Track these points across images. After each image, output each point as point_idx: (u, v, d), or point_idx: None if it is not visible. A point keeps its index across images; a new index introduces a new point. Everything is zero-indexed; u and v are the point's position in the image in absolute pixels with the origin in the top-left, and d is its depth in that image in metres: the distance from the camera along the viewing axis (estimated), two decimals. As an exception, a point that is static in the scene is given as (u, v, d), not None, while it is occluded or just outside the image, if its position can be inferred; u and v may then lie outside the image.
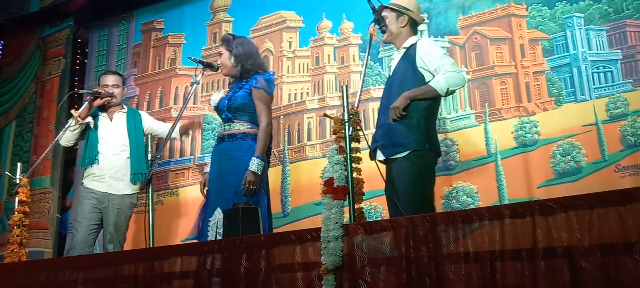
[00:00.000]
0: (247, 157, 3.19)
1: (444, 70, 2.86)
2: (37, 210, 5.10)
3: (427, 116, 2.89)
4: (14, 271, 3.42)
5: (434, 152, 2.93)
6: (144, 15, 5.69)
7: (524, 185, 3.59)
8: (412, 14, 3.09)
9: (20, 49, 6.14)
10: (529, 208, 1.90)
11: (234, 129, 3.30)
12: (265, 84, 3.28)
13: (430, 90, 2.86)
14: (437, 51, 2.96)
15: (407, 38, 3.07)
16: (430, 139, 2.89)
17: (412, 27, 3.10)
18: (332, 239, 2.25)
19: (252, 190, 3.14)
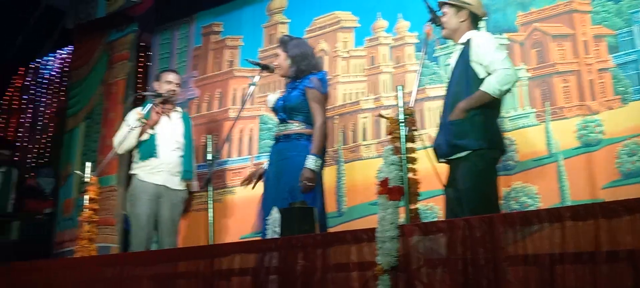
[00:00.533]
0: (302, 156, 3.23)
1: (494, 68, 2.81)
2: (104, 207, 5.34)
3: (487, 113, 2.85)
4: (84, 265, 3.61)
5: (497, 149, 2.88)
6: (204, 18, 5.85)
7: (587, 187, 3.46)
8: (473, 7, 3.03)
9: (88, 54, 6.45)
10: (591, 211, 1.85)
11: (288, 129, 3.36)
12: (319, 84, 3.32)
13: (483, 96, 2.81)
14: (489, 45, 2.89)
15: (466, 33, 3.02)
16: (491, 137, 2.85)
17: (472, 22, 3.04)
18: (388, 239, 2.25)
19: (310, 187, 3.19)
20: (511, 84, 2.82)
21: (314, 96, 3.30)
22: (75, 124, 6.30)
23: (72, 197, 5.84)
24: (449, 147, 2.90)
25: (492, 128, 2.88)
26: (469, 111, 2.82)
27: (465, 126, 2.83)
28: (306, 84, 3.31)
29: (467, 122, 2.83)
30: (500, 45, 2.95)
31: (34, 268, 3.96)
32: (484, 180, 2.84)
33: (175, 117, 4.21)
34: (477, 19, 3.09)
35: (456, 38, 3.08)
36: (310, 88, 3.29)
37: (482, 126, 2.82)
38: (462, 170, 2.87)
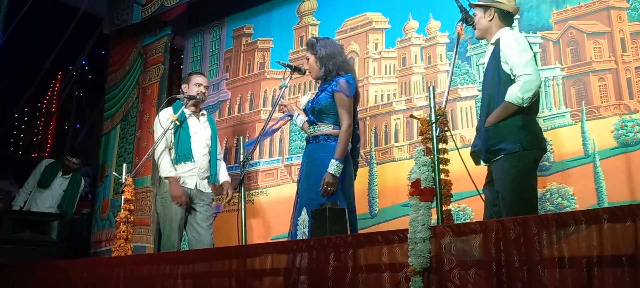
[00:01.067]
0: (330, 158, 3.24)
1: (517, 73, 2.78)
2: (139, 207, 5.47)
3: (523, 114, 2.81)
4: (121, 264, 3.69)
5: (535, 149, 2.84)
6: (235, 21, 5.93)
7: (625, 188, 3.37)
8: (501, 5, 2.99)
9: (123, 58, 6.60)
10: (630, 212, 1.80)
11: (317, 131, 3.39)
12: (345, 87, 3.31)
13: (509, 107, 2.78)
14: (514, 46, 2.83)
15: (498, 31, 2.98)
16: (529, 138, 2.81)
17: (502, 19, 2.99)
18: (420, 241, 2.24)
19: (330, 191, 3.19)
20: (534, 90, 2.78)
21: (340, 100, 3.31)
22: (111, 126, 6.45)
23: (109, 197, 5.98)
24: (487, 152, 2.88)
25: (529, 128, 2.83)
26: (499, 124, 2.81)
27: (502, 130, 2.81)
28: (333, 86, 3.33)
29: (502, 125, 2.81)
30: (526, 47, 2.88)
31: (74, 266, 4.07)
32: (523, 181, 2.80)
33: (203, 120, 4.26)
34: (509, 15, 3.04)
35: (489, 38, 3.04)
36: (337, 91, 3.30)
37: (519, 128, 2.79)
38: (499, 171, 2.84)
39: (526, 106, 2.79)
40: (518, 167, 2.78)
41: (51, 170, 5.75)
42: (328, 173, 3.19)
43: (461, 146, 3.82)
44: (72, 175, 5.77)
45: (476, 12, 3.06)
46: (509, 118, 2.80)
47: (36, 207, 5.58)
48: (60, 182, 5.74)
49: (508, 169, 2.79)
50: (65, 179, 5.75)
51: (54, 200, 5.65)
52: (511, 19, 3.07)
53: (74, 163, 5.74)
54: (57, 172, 5.75)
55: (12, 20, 6.54)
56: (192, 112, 4.20)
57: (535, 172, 2.89)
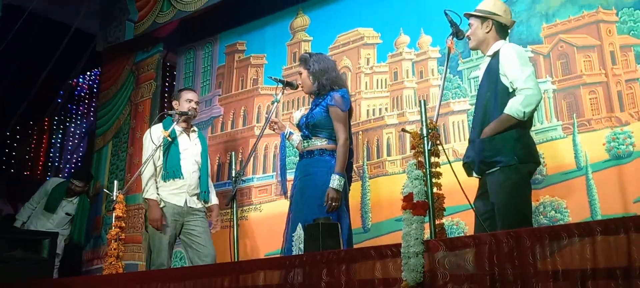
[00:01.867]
0: (324, 172, 3.26)
1: (517, 87, 2.78)
2: (131, 224, 5.42)
3: (518, 128, 2.81)
4: (112, 282, 3.64)
5: (530, 162, 2.84)
6: (228, 38, 5.94)
7: (618, 200, 3.37)
8: (498, 17, 3.00)
9: (116, 75, 6.60)
10: (623, 225, 1.79)
11: (312, 146, 3.39)
12: (340, 101, 3.33)
13: (508, 119, 2.78)
14: (515, 59, 2.84)
15: (493, 43, 2.99)
16: (524, 151, 2.81)
17: (498, 32, 3.01)
18: (413, 255, 2.23)
19: (335, 206, 3.21)
20: (535, 104, 2.79)
21: (335, 114, 3.33)
22: (103, 143, 6.42)
23: (101, 215, 5.93)
24: (481, 164, 2.87)
25: (524, 142, 2.83)
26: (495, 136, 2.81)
27: (498, 142, 2.81)
28: (328, 101, 3.34)
29: (498, 138, 2.81)
30: (527, 61, 2.90)
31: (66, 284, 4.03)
32: (518, 193, 2.79)
33: (193, 137, 4.24)
34: (505, 28, 3.06)
35: (484, 49, 3.05)
36: (332, 106, 3.32)
37: (515, 141, 2.79)
38: (494, 183, 2.83)
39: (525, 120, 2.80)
40: (514, 179, 2.77)
41: (58, 194, 5.69)
42: (331, 189, 3.20)
43: (454, 160, 3.82)
44: (79, 200, 5.71)
45: (472, 22, 3.07)
46: (506, 131, 2.80)
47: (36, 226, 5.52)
48: (64, 204, 5.68)
49: (504, 182, 2.78)
50: (69, 202, 5.70)
51: (55, 223, 5.58)
52: (506, 32, 3.09)
53: (77, 186, 5.69)
54: (63, 194, 5.70)
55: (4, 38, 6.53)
56: (183, 128, 4.18)
57: (530, 185, 2.89)
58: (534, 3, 4.04)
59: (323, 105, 3.36)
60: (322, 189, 3.24)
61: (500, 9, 3.03)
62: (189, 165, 4.10)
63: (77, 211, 5.67)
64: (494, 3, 3.06)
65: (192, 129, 4.29)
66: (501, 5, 3.07)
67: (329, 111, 3.32)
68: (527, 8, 4.06)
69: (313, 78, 3.45)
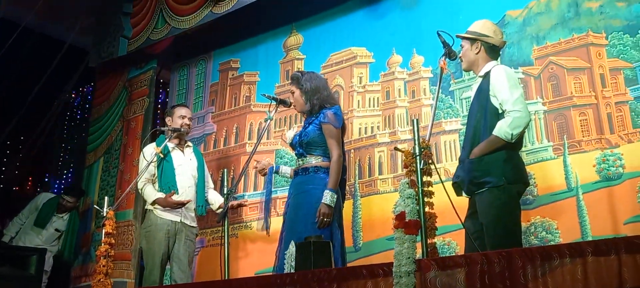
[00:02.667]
0: (319, 189, 3.26)
1: (506, 109, 2.81)
2: (121, 241, 5.36)
3: (508, 148, 2.83)
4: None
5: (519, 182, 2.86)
6: (222, 55, 5.95)
7: (608, 221, 3.39)
8: (488, 38, 3.03)
9: (108, 91, 6.58)
10: (614, 246, 1.81)
11: (306, 163, 3.41)
12: (333, 118, 3.36)
13: (496, 141, 2.81)
14: (505, 81, 2.87)
15: (484, 64, 3.02)
16: (513, 171, 2.82)
17: (489, 53, 3.04)
18: (404, 274, 2.23)
19: (326, 222, 3.22)
20: (523, 126, 2.81)
21: (328, 131, 3.35)
22: (94, 159, 6.38)
23: (90, 231, 5.87)
24: (471, 185, 2.89)
25: (513, 162, 2.85)
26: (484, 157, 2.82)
27: (487, 163, 2.82)
28: (321, 119, 3.37)
29: (487, 158, 2.83)
30: (517, 83, 2.93)
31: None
32: (507, 213, 2.81)
33: (188, 152, 4.24)
34: (496, 49, 3.08)
35: (475, 70, 3.08)
36: (325, 123, 3.35)
37: (503, 162, 2.81)
38: (483, 203, 2.84)
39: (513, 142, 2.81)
40: (502, 199, 2.79)
41: (49, 209, 5.64)
42: (323, 204, 3.21)
43: (445, 179, 3.83)
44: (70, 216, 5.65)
45: (463, 44, 3.11)
46: (494, 152, 2.82)
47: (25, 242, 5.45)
48: (54, 220, 5.62)
49: (493, 202, 2.79)
50: (59, 218, 5.64)
51: (44, 238, 5.51)
52: (497, 52, 3.12)
53: (68, 201, 5.63)
54: (54, 210, 5.64)
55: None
56: (175, 144, 4.18)
57: (519, 205, 2.90)
58: (525, 25, 4.10)
59: (316, 123, 3.39)
60: (316, 207, 3.25)
61: (489, 30, 3.06)
62: (184, 181, 4.10)
63: (67, 227, 5.61)
64: (484, 24, 3.10)
65: (187, 144, 4.29)
66: (491, 26, 3.10)
67: (322, 129, 3.35)
68: (518, 30, 4.12)
69: (306, 97, 3.47)
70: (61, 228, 5.62)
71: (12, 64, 6.76)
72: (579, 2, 3.89)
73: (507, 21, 4.18)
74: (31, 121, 7.99)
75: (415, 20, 4.67)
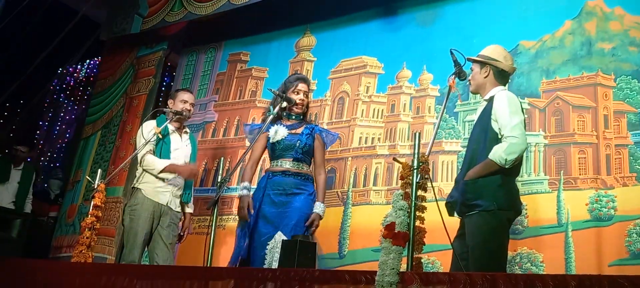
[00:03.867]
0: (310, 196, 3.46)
1: (504, 134, 2.81)
2: (107, 217, 5.34)
3: (503, 174, 2.82)
4: (78, 271, 3.57)
5: (510, 210, 2.84)
6: (233, 46, 5.96)
7: (594, 261, 3.38)
8: (497, 63, 3.04)
9: (115, 66, 6.58)
10: (598, 282, 1.79)
11: (301, 169, 3.54)
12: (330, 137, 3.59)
13: (491, 164, 2.80)
14: (506, 107, 2.86)
15: (491, 88, 3.03)
16: (506, 198, 2.81)
17: (497, 78, 3.04)
18: (387, 285, 2.21)
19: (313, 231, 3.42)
20: (518, 154, 2.80)
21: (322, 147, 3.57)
22: (92, 132, 6.37)
23: (77, 203, 5.84)
24: (463, 206, 2.88)
25: (506, 188, 2.84)
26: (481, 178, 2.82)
27: (480, 186, 2.82)
28: (318, 131, 3.55)
29: (482, 181, 2.82)
30: (518, 110, 2.92)
31: (32, 267, 3.95)
32: (494, 238, 2.79)
33: (185, 138, 4.23)
34: (505, 74, 3.08)
35: (482, 93, 3.09)
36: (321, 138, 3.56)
37: (497, 187, 2.80)
38: (472, 226, 2.83)
39: (508, 167, 2.81)
40: (491, 224, 2.78)
41: (3, 163, 5.60)
42: (316, 214, 3.43)
43: (439, 199, 3.83)
44: (24, 166, 5.60)
45: (473, 67, 3.12)
46: (489, 176, 2.82)
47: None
48: (14, 174, 5.57)
49: (481, 226, 2.78)
50: (18, 170, 5.59)
51: (11, 193, 5.47)
52: (507, 78, 3.12)
53: (21, 151, 5.58)
54: (10, 164, 5.59)
55: (9, 13, 6.51)
56: (175, 128, 4.17)
57: (508, 233, 2.89)
58: (537, 57, 4.10)
59: (312, 135, 3.53)
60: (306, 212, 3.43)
61: (500, 55, 3.07)
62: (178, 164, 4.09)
63: (21, 177, 5.55)
64: (494, 49, 3.10)
65: (185, 130, 4.28)
66: (502, 51, 3.11)
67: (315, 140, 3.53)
68: (529, 61, 4.12)
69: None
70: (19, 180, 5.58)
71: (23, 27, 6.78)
72: (592, 41, 3.91)
73: (519, 51, 4.19)
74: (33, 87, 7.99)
75: (429, 37, 4.68)
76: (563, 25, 4.07)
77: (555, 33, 4.09)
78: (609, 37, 3.86)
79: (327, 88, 5.15)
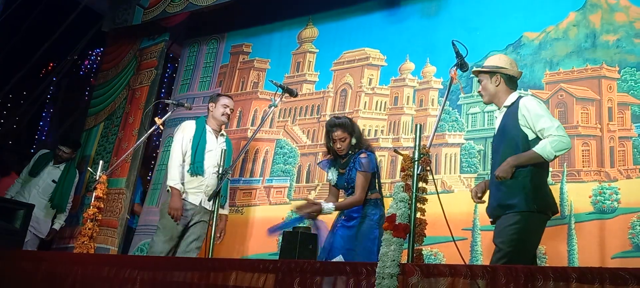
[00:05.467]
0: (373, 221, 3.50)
1: (549, 134, 2.78)
2: (109, 208, 5.35)
3: (535, 173, 2.81)
4: (81, 261, 3.59)
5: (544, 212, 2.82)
6: (235, 38, 5.94)
7: (597, 254, 3.37)
8: (506, 70, 3.04)
9: (118, 57, 6.57)
10: (599, 275, 1.78)
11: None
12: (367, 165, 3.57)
13: (536, 157, 2.78)
14: (540, 111, 2.86)
15: (507, 95, 3.03)
16: (539, 199, 2.79)
17: (508, 84, 3.05)
18: (387, 276, 2.21)
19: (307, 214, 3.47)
20: (564, 151, 2.81)
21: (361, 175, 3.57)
22: (95, 123, 6.37)
23: (80, 194, 5.85)
24: (497, 208, 2.86)
25: (542, 190, 2.83)
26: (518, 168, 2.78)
27: (515, 187, 2.79)
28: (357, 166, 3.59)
29: (517, 182, 2.79)
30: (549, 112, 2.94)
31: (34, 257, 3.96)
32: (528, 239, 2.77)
33: (221, 140, 4.28)
34: (514, 80, 3.09)
35: (497, 102, 3.07)
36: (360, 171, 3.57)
37: (532, 187, 2.78)
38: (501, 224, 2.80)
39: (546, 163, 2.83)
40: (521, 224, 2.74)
41: (43, 159, 5.59)
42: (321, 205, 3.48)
43: (441, 191, 3.82)
44: (65, 166, 5.61)
45: (482, 78, 3.11)
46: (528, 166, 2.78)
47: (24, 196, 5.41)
48: (50, 170, 5.57)
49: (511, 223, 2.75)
50: (56, 168, 5.58)
51: (40, 189, 5.46)
52: (516, 83, 3.11)
53: (64, 152, 5.59)
54: (49, 161, 5.60)
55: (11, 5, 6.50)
56: (213, 130, 4.22)
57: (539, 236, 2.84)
58: (541, 49, 4.08)
59: (354, 170, 3.60)
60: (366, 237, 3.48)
61: (506, 63, 3.08)
62: (211, 166, 4.12)
63: (61, 176, 5.55)
64: (499, 58, 3.13)
65: (221, 132, 4.33)
66: (506, 59, 3.13)
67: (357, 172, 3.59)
68: (532, 53, 4.10)
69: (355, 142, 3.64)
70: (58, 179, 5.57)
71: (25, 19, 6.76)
72: (597, 33, 3.88)
73: (523, 42, 4.16)
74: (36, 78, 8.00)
75: (432, 30, 4.66)
76: (567, 16, 4.04)
77: (560, 25, 4.06)
78: (614, 29, 3.82)
79: (330, 80, 5.13)
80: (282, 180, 4.98)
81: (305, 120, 5.11)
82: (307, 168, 4.93)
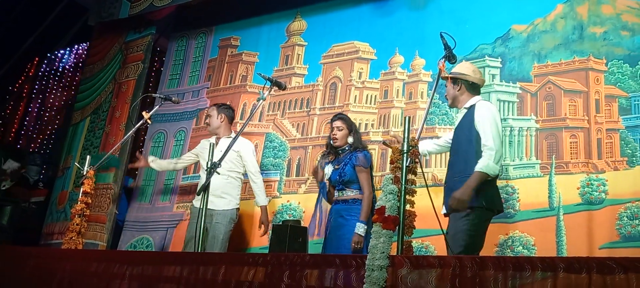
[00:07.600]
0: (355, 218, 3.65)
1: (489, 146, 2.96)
2: (97, 204, 5.30)
3: None
4: (69, 257, 3.57)
5: (490, 210, 3.01)
6: (223, 31, 5.90)
7: (585, 244, 3.40)
8: (468, 77, 3.25)
9: (104, 51, 6.50)
10: (586, 265, 1.80)
11: (345, 196, 3.79)
12: (364, 161, 3.77)
13: (484, 176, 2.95)
14: (489, 119, 3.04)
15: (467, 100, 3.24)
16: (490, 198, 2.99)
17: (470, 90, 3.25)
18: (377, 268, 2.21)
19: (359, 248, 3.52)
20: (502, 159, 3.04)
21: (361, 172, 3.76)
22: (81, 118, 6.30)
23: (68, 189, 5.79)
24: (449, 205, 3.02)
25: (491, 189, 3.02)
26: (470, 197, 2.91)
27: None
28: (354, 161, 3.77)
29: None
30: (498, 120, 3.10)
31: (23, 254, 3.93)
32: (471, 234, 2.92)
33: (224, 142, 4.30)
34: (476, 86, 3.28)
35: (458, 105, 3.31)
36: (358, 165, 3.76)
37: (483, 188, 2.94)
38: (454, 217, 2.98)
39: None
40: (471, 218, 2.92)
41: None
42: (356, 234, 3.57)
43: (432, 184, 3.83)
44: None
45: (447, 84, 3.33)
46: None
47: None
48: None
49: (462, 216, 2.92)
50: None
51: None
52: (478, 89, 3.30)
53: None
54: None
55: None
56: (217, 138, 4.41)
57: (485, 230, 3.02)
58: (529, 41, 4.09)
59: (351, 165, 3.77)
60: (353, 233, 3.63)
61: (468, 70, 3.29)
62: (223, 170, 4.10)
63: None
64: (463, 65, 3.35)
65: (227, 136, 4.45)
66: (470, 66, 3.35)
67: (355, 169, 3.76)
68: (521, 45, 4.11)
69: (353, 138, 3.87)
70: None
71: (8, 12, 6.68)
72: (584, 25, 3.89)
73: (511, 35, 4.17)
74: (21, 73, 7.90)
75: (421, 22, 4.65)
76: (555, 9, 4.06)
77: (547, 17, 4.07)
78: (601, 21, 3.84)
79: (319, 73, 5.12)
80: (273, 174, 4.97)
81: (294, 114, 5.09)
82: (297, 162, 4.91)
